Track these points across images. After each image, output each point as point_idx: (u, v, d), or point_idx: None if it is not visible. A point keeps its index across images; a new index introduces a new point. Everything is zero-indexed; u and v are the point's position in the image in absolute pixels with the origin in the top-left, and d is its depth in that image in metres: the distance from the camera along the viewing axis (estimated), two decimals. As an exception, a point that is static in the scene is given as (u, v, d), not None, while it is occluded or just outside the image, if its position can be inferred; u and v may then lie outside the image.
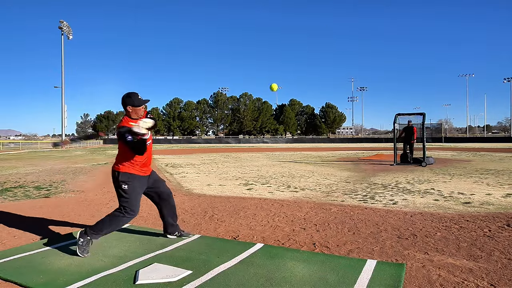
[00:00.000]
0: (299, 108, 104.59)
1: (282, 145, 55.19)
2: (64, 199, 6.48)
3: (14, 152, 31.51)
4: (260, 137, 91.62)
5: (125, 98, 3.45)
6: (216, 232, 4.16)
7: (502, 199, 5.97)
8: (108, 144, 68.99)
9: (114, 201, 6.20)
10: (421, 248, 3.43)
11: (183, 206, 5.73)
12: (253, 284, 2.64)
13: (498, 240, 3.65)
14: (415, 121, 13.83)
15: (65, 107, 50.83)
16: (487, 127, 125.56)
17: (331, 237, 3.86)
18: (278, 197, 6.44)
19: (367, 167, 12.73)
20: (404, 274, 2.78)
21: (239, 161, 17.03)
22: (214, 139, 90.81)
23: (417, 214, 4.93)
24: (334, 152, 25.90)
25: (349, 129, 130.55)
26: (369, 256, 3.23)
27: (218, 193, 7.00)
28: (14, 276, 2.83)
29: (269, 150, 32.20)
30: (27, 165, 15.07)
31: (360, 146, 48.10)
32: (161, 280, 2.70)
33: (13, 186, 8.32)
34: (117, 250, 3.48)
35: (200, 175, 10.38)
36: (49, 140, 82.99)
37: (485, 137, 79.80)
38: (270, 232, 4.12)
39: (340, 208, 5.40)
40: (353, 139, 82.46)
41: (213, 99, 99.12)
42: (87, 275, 2.83)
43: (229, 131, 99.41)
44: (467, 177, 9.14)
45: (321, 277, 2.74)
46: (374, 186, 7.68)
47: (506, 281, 2.65)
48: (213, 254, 3.30)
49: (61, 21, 50.93)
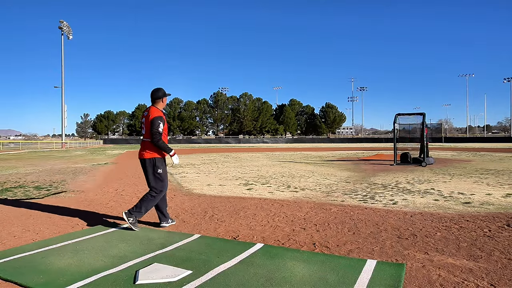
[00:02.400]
0: (299, 108, 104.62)
1: (282, 145, 55.19)
2: (64, 199, 6.48)
3: (14, 152, 31.50)
4: (260, 137, 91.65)
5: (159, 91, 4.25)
6: (216, 232, 4.16)
7: (502, 199, 5.97)
8: (108, 144, 68.96)
9: (114, 201, 6.21)
10: (421, 248, 3.43)
11: (183, 206, 5.73)
12: (253, 284, 2.64)
13: (498, 240, 3.65)
14: (415, 121, 13.83)
15: (65, 107, 50.85)
16: (487, 127, 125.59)
17: (331, 237, 3.86)
18: (278, 197, 6.44)
19: (367, 167, 12.73)
20: (404, 274, 2.78)
21: (239, 161, 17.03)
22: (214, 139, 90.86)
23: (417, 214, 4.93)
24: (334, 152, 25.90)
25: (349, 129, 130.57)
26: (369, 256, 3.23)
27: (218, 193, 7.00)
28: (14, 276, 2.83)
29: (269, 150, 32.20)
30: (27, 165, 15.07)
31: (360, 146, 48.10)
32: (161, 280, 2.70)
33: (13, 186, 8.32)
34: (117, 250, 3.48)
35: (200, 175, 10.38)
36: (49, 140, 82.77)
37: (485, 137, 79.84)
38: (270, 232, 4.12)
39: (340, 208, 5.40)
40: (353, 139, 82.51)
41: (213, 99, 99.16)
42: (87, 275, 2.83)
43: (229, 131, 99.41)
44: (467, 177, 9.14)
45: (321, 277, 2.74)
46: (374, 186, 7.68)
47: (506, 281, 2.65)
48: (213, 254, 3.30)
49: (61, 21, 50.96)
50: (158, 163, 4.16)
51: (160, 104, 4.25)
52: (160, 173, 4.18)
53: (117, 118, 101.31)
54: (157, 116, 4.09)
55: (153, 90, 4.25)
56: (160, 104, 4.25)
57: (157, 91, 4.23)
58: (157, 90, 4.25)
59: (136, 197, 6.58)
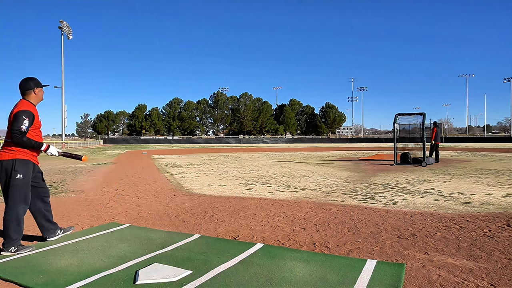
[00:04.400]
0: (299, 108, 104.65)
1: (282, 145, 55.20)
2: (64, 199, 6.48)
3: (14, 152, 31.44)
4: (260, 137, 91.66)
5: (29, 81, 3.60)
6: (216, 232, 4.16)
7: (502, 199, 5.97)
8: (108, 144, 68.98)
9: (114, 201, 6.21)
10: (421, 248, 3.43)
11: (183, 206, 5.73)
12: (253, 284, 2.64)
13: (498, 240, 3.65)
14: (415, 121, 13.83)
15: (65, 107, 50.84)
16: (487, 127, 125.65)
17: (331, 237, 3.86)
18: (278, 197, 6.44)
19: (367, 167, 12.73)
20: (404, 274, 2.78)
21: (239, 161, 17.03)
22: (214, 139, 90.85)
23: (417, 214, 4.93)
24: (334, 152, 25.90)
25: (349, 129, 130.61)
26: (369, 256, 3.23)
27: (218, 193, 7.00)
28: (14, 276, 2.83)
29: (269, 150, 32.21)
30: (27, 165, 15.05)
31: (360, 146, 48.11)
32: (161, 280, 2.70)
33: (13, 186, 8.31)
34: (117, 250, 3.48)
35: (200, 175, 10.38)
36: (49, 140, 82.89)
37: (485, 137, 79.84)
38: (270, 232, 4.12)
39: (340, 208, 5.40)
40: (353, 139, 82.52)
41: (213, 99, 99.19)
42: (87, 275, 2.83)
43: (229, 131, 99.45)
44: (467, 177, 9.14)
45: (321, 277, 2.74)
46: (374, 186, 7.68)
47: (506, 281, 2.65)
48: (213, 254, 3.30)
49: (61, 21, 50.94)
50: (18, 166, 3.39)
51: (32, 96, 3.59)
52: (18, 180, 3.39)
53: (117, 118, 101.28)
54: (22, 110, 3.39)
55: (21, 80, 3.61)
56: (32, 96, 3.59)
57: (25, 82, 3.58)
58: (25, 80, 3.60)
59: (136, 197, 6.59)
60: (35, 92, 3.61)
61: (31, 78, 3.66)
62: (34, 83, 3.62)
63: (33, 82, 3.62)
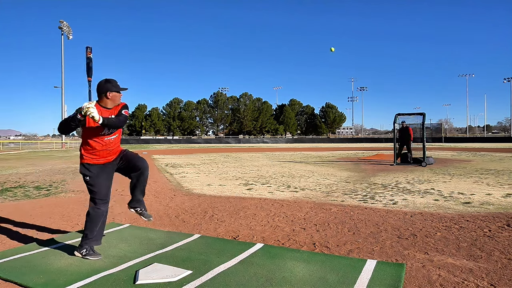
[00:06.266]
0: (299, 108, 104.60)
1: (282, 145, 55.18)
2: (64, 199, 6.48)
3: (14, 152, 31.50)
4: (260, 137, 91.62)
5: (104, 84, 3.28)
6: (216, 232, 4.16)
7: (502, 199, 5.97)
8: (108, 144, 68.72)
9: (114, 201, 6.20)
10: (421, 248, 3.43)
11: (183, 206, 5.73)
12: (253, 284, 2.64)
13: (498, 240, 3.65)
14: (415, 121, 13.82)
15: (65, 107, 50.82)
16: (487, 127, 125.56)
17: (331, 237, 3.86)
18: (278, 197, 6.44)
19: (367, 167, 12.73)
20: (404, 274, 2.78)
21: (239, 161, 17.03)
22: (214, 139, 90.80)
23: (417, 214, 4.93)
24: (334, 152, 25.90)
25: (349, 129, 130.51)
26: (369, 256, 3.23)
27: (218, 193, 7.00)
28: (14, 276, 2.83)
29: (269, 150, 32.20)
30: (27, 165, 15.06)
31: (360, 146, 48.10)
32: (161, 280, 2.70)
33: (13, 186, 8.31)
34: (117, 250, 3.48)
35: (200, 175, 10.38)
36: (49, 140, 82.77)
37: (485, 137, 79.73)
38: (270, 232, 4.12)
39: (340, 208, 5.40)
40: (353, 139, 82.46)
41: (213, 99, 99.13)
42: (87, 275, 2.83)
43: (229, 131, 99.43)
44: (467, 177, 9.13)
45: (321, 277, 2.74)
46: (374, 186, 7.68)
47: (506, 281, 2.65)
48: (213, 254, 3.30)
49: (61, 21, 50.96)
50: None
51: (104, 101, 3.29)
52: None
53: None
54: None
55: (99, 82, 3.32)
56: (104, 101, 3.29)
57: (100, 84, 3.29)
58: (104, 81, 3.31)
59: (136, 197, 6.57)
60: (107, 96, 3.27)
61: (108, 79, 3.33)
62: (106, 88, 3.26)
63: (111, 84, 3.30)
